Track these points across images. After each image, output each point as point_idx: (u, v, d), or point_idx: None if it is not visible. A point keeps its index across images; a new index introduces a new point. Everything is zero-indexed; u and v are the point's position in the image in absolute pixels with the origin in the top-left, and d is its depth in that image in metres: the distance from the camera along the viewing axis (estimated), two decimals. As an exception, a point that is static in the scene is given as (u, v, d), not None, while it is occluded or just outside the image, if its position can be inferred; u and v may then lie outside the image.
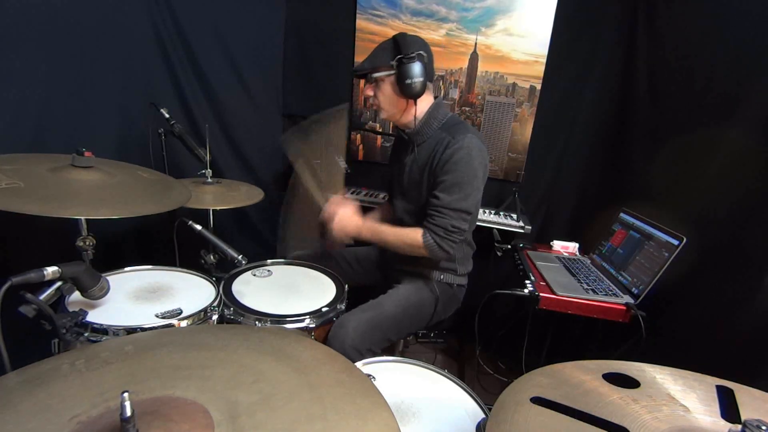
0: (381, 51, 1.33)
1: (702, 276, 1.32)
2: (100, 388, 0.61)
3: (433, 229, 1.30)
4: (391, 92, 1.33)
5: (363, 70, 1.35)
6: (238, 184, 1.76)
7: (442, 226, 1.29)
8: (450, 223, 1.28)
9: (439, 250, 1.31)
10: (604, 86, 2.03)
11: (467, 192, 1.28)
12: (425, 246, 1.31)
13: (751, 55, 1.29)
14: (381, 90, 1.34)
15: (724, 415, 0.64)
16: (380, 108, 1.38)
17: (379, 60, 1.31)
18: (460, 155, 1.26)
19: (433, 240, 1.30)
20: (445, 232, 1.29)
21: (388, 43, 1.32)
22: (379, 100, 1.36)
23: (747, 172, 1.23)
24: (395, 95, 1.33)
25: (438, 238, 1.30)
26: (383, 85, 1.33)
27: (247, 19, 2.15)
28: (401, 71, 1.27)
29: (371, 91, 1.37)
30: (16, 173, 0.99)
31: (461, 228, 1.30)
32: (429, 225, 1.31)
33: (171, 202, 1.15)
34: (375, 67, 1.32)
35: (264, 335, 0.78)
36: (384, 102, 1.36)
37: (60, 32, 1.42)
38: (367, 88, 1.38)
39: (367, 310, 1.33)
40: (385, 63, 1.30)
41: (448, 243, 1.31)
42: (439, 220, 1.29)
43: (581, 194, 2.18)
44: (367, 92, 1.38)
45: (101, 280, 1.00)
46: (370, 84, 1.37)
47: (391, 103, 1.35)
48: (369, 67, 1.34)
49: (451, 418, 0.95)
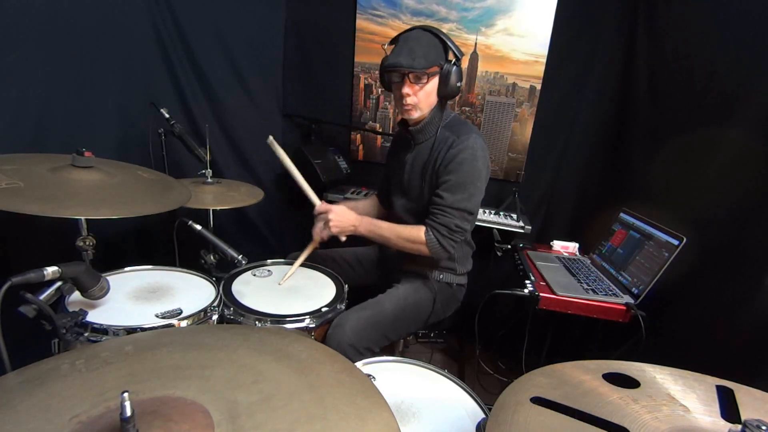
0: (430, 48, 1.24)
1: (702, 276, 1.32)
2: (100, 388, 0.61)
3: (437, 228, 1.30)
4: (434, 91, 1.29)
5: (418, 68, 1.23)
6: (239, 184, 1.76)
7: (446, 225, 1.29)
8: (454, 222, 1.28)
9: (441, 249, 1.31)
10: (604, 86, 2.03)
11: (471, 192, 1.28)
12: (427, 244, 1.31)
13: (751, 55, 1.29)
14: (425, 89, 1.27)
15: (724, 415, 0.64)
16: (417, 108, 1.30)
17: (433, 58, 1.24)
18: (465, 155, 1.26)
19: (435, 238, 1.30)
20: (449, 231, 1.29)
21: (432, 41, 1.25)
22: (419, 99, 1.28)
23: (747, 172, 1.23)
24: (435, 95, 1.30)
25: (440, 236, 1.30)
26: (428, 85, 1.27)
27: (247, 19, 2.15)
28: (451, 72, 1.25)
29: (412, 90, 1.27)
30: (16, 173, 0.99)
31: (464, 228, 1.30)
32: (432, 223, 1.31)
33: (171, 202, 1.15)
34: (430, 65, 1.24)
35: (264, 335, 0.78)
36: (423, 101, 1.29)
37: (60, 32, 1.42)
38: (406, 86, 1.26)
39: (365, 308, 1.33)
40: (438, 62, 1.25)
41: (450, 242, 1.31)
42: (442, 219, 1.29)
43: (581, 194, 2.18)
44: (406, 91, 1.26)
45: (101, 280, 1.00)
46: (410, 83, 1.26)
47: (429, 103, 1.31)
48: (425, 66, 1.23)
49: (451, 418, 0.95)
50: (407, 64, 1.22)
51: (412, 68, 1.23)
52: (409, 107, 1.30)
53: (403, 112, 1.33)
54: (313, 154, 2.14)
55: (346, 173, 2.28)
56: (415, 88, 1.27)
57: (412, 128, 1.39)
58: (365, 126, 2.41)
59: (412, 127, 1.39)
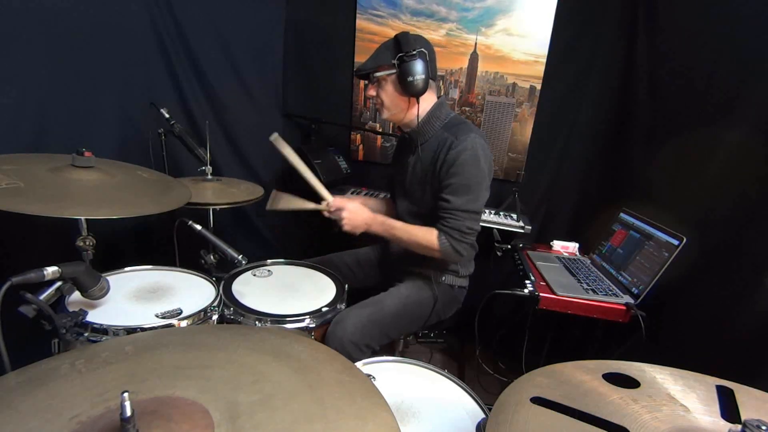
0: (383, 50, 1.32)
1: (702, 276, 1.32)
2: (100, 388, 0.61)
3: (449, 233, 1.29)
4: (393, 91, 1.33)
5: (365, 69, 1.35)
6: (238, 182, 1.77)
7: (458, 228, 1.28)
8: (465, 225, 1.28)
9: (454, 253, 1.31)
10: (604, 86, 2.02)
11: (477, 193, 1.29)
12: (440, 249, 1.30)
13: (751, 55, 1.29)
14: (383, 89, 1.34)
15: (724, 415, 0.64)
16: (383, 107, 1.37)
17: (381, 59, 1.31)
18: (466, 157, 1.25)
19: (449, 243, 1.30)
20: (461, 234, 1.29)
21: (389, 43, 1.31)
22: (381, 99, 1.35)
23: (747, 172, 1.23)
24: (397, 94, 1.33)
25: (454, 241, 1.29)
26: (385, 85, 1.33)
27: (247, 18, 2.15)
28: (403, 69, 1.27)
29: (374, 91, 1.36)
30: (16, 173, 0.99)
31: (475, 229, 1.31)
32: (444, 228, 1.30)
33: (171, 203, 1.15)
34: (377, 66, 1.32)
35: (264, 335, 0.78)
36: (387, 101, 1.35)
37: (60, 32, 1.42)
38: (370, 89, 1.37)
39: (367, 305, 1.33)
40: (386, 62, 1.30)
41: (463, 245, 1.31)
42: (453, 223, 1.29)
43: (581, 194, 2.17)
44: (369, 92, 1.38)
45: (101, 280, 1.00)
46: (372, 84, 1.36)
47: (394, 103, 1.35)
48: (371, 67, 1.33)
49: (451, 418, 0.95)
50: (359, 68, 1.37)
51: (359, 71, 1.37)
52: (378, 107, 1.40)
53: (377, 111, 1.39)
54: (313, 154, 2.14)
55: (346, 173, 2.28)
56: (376, 89, 1.36)
57: (410, 131, 1.40)
58: (365, 126, 2.41)
59: (409, 129, 1.40)
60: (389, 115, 1.39)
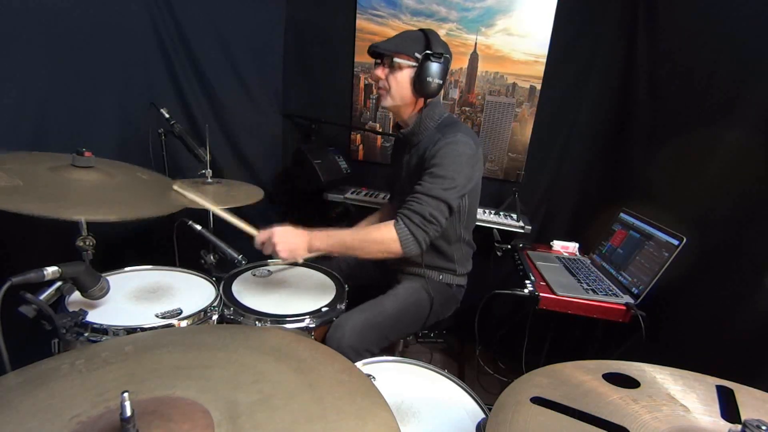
0: (408, 39, 1.28)
1: (702, 276, 1.32)
2: (100, 388, 0.61)
3: (409, 216, 1.21)
4: (406, 83, 1.29)
5: (385, 50, 1.28)
6: (239, 184, 1.76)
7: (420, 212, 1.20)
8: (428, 210, 1.19)
9: (413, 242, 1.21)
10: (604, 86, 2.02)
11: (450, 183, 1.21)
12: (399, 236, 1.20)
13: (751, 55, 1.29)
14: (394, 76, 1.29)
15: (724, 415, 0.64)
16: (387, 94, 1.32)
17: (405, 47, 1.27)
18: (448, 149, 1.23)
19: (407, 228, 1.20)
20: (422, 220, 1.20)
21: (416, 35, 1.28)
22: (389, 84, 1.30)
23: (747, 172, 1.23)
24: (409, 88, 1.30)
25: (413, 226, 1.20)
26: (399, 73, 1.28)
27: (247, 18, 2.15)
28: (425, 67, 1.24)
29: (383, 73, 1.30)
30: (16, 173, 0.99)
31: (439, 220, 1.21)
32: (404, 212, 1.22)
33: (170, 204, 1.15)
34: (399, 52, 1.27)
35: (264, 335, 0.78)
36: (394, 89, 1.30)
37: (60, 32, 1.42)
38: (379, 69, 1.31)
39: (365, 310, 1.33)
40: (410, 52, 1.26)
41: (423, 234, 1.21)
42: (416, 207, 1.21)
43: (581, 194, 2.17)
44: (377, 73, 1.31)
45: (101, 280, 1.00)
46: (383, 66, 1.30)
47: (400, 94, 1.31)
48: (393, 50, 1.27)
49: (451, 418, 0.95)
50: (379, 45, 1.29)
51: (378, 47, 1.28)
52: (381, 91, 1.34)
53: (378, 97, 1.35)
54: (313, 154, 2.14)
55: (346, 173, 2.28)
56: (386, 72, 1.30)
57: (404, 130, 1.39)
58: (365, 126, 2.41)
59: (404, 129, 1.40)
60: (391, 103, 1.34)
